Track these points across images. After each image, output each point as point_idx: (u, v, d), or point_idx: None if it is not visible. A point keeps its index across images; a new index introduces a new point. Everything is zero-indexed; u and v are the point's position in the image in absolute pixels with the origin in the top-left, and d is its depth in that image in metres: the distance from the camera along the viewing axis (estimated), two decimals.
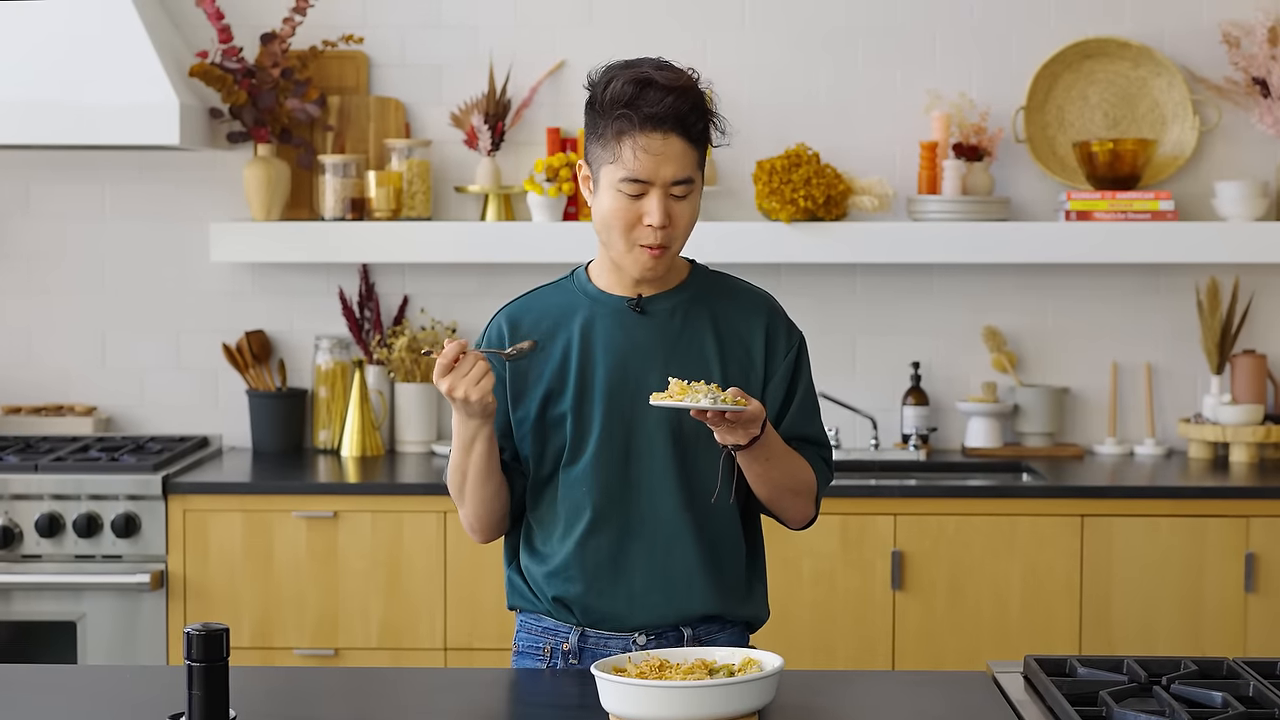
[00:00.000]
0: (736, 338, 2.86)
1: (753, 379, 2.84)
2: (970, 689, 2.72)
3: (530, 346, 2.76)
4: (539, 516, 2.87)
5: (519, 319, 2.88)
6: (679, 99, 2.72)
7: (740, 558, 2.88)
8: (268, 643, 4.55)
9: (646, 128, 2.71)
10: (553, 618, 2.87)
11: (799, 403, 2.88)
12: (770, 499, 2.85)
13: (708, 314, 2.86)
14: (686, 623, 2.83)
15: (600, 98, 2.75)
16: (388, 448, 5.13)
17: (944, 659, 4.49)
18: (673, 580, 2.81)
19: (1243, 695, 2.55)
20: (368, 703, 2.66)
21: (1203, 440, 4.95)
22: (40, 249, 5.18)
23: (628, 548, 2.81)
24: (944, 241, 4.88)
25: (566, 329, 2.85)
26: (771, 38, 5.10)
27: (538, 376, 2.84)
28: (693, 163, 2.75)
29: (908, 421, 5.06)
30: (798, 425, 2.88)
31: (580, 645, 2.84)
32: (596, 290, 2.88)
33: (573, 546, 2.81)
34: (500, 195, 5.01)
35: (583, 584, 2.82)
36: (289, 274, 5.17)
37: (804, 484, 2.86)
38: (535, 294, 2.93)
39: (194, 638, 2.26)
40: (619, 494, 2.81)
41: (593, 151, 2.79)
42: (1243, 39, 4.98)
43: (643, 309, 2.84)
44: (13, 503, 4.55)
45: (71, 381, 5.21)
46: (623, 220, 2.76)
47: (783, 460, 2.80)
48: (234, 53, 4.93)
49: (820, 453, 2.91)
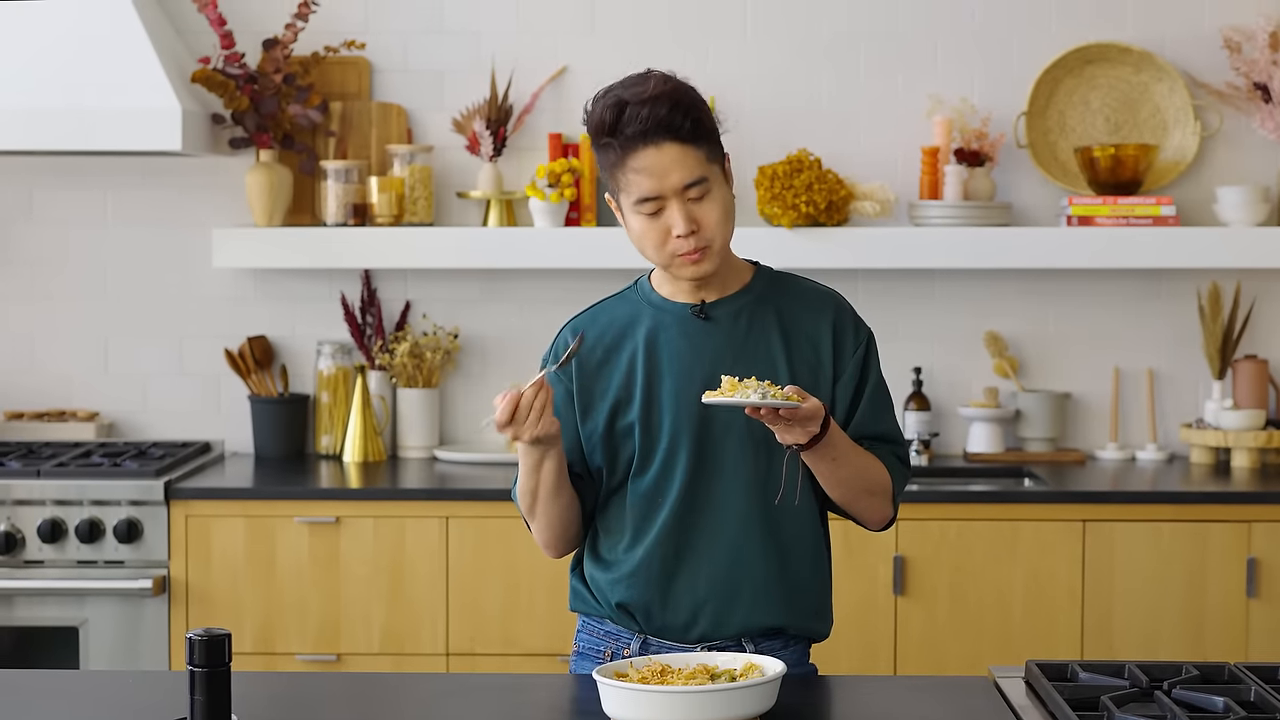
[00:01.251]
0: (804, 337, 2.82)
1: (822, 379, 2.80)
2: (972, 694, 2.72)
3: (576, 345, 2.72)
4: (606, 525, 2.85)
5: (585, 331, 2.85)
6: (653, 108, 2.69)
7: (811, 566, 2.84)
8: (270, 648, 4.55)
9: (635, 147, 2.70)
10: (615, 623, 2.85)
11: (868, 400, 2.83)
12: (844, 500, 2.81)
13: (773, 315, 2.82)
14: (749, 635, 2.81)
15: (592, 132, 2.76)
16: (390, 453, 5.13)
17: (946, 664, 4.49)
18: (738, 591, 2.78)
19: (1244, 700, 2.55)
20: (370, 708, 2.66)
21: (1204, 445, 4.95)
22: (43, 255, 5.18)
23: (694, 556, 2.78)
24: (946, 247, 4.88)
25: (632, 339, 2.82)
26: (773, 44, 5.10)
27: (605, 388, 2.82)
28: (697, 161, 2.72)
29: (910, 427, 5.06)
30: (868, 423, 2.83)
31: (642, 653, 2.81)
32: (660, 298, 2.85)
33: (641, 555, 2.79)
34: (502, 201, 5.01)
35: (647, 591, 2.79)
36: (291, 279, 5.17)
37: (878, 483, 2.81)
38: (601, 306, 2.91)
39: (196, 643, 2.25)
40: (688, 502, 2.78)
41: (608, 183, 2.79)
42: (1244, 44, 4.98)
43: (707, 315, 2.81)
44: (15, 508, 4.55)
45: (74, 387, 5.21)
46: (653, 239, 2.74)
47: (852, 459, 2.75)
48: (236, 58, 4.93)
49: (895, 450, 2.86)
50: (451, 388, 5.19)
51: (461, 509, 4.54)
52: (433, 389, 5.09)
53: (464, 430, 5.20)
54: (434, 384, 5.10)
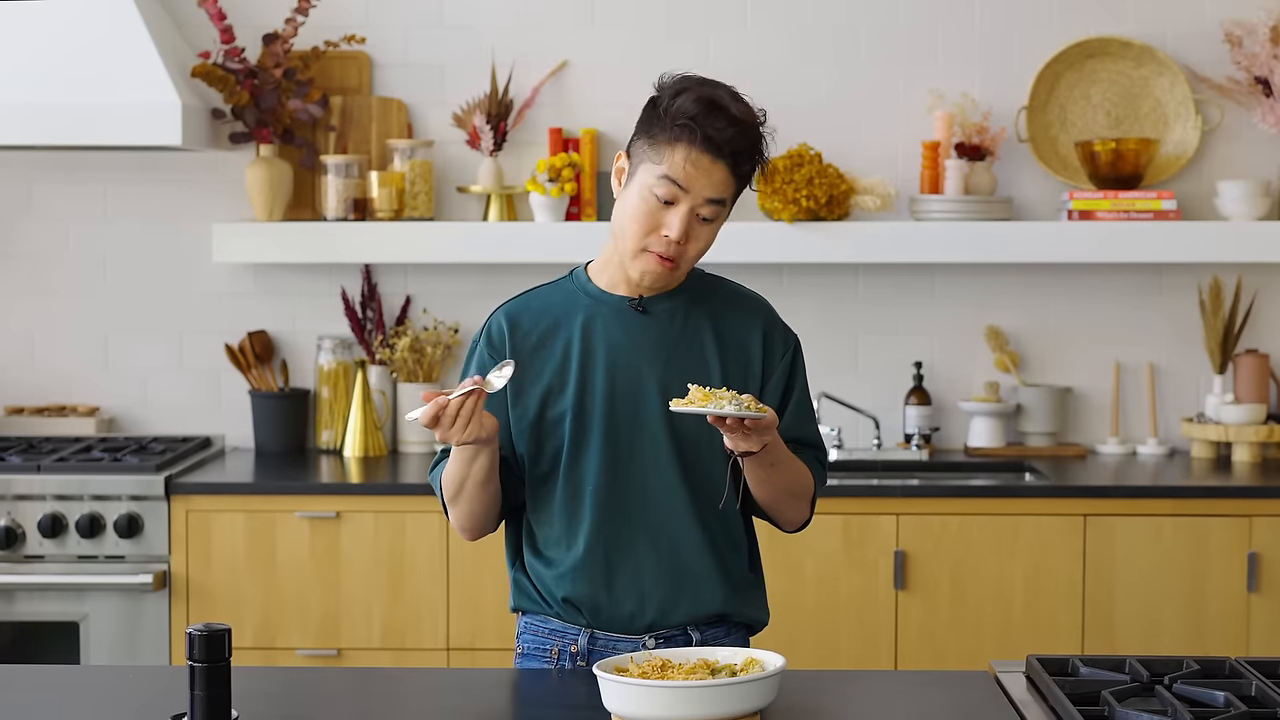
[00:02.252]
0: (735, 340, 2.86)
1: (751, 381, 2.85)
2: (972, 689, 2.72)
3: (513, 370, 2.71)
4: (541, 518, 2.85)
5: (518, 316, 2.88)
6: (741, 134, 2.73)
7: (743, 558, 2.89)
8: (270, 643, 4.55)
9: (703, 146, 2.72)
10: (561, 620, 2.85)
11: (795, 405, 2.89)
12: (770, 502, 2.86)
13: (707, 316, 2.86)
14: (695, 623, 2.83)
15: (667, 103, 2.75)
16: (390, 448, 5.13)
17: (946, 659, 4.49)
18: (683, 578, 2.81)
19: (1245, 695, 2.55)
20: (370, 703, 2.66)
21: (1205, 440, 4.95)
22: (43, 250, 5.18)
23: (636, 547, 2.80)
24: (946, 241, 4.88)
25: (566, 327, 2.85)
26: (774, 37, 5.10)
27: (537, 374, 2.83)
28: (728, 193, 2.77)
29: (910, 421, 5.06)
30: (794, 428, 2.88)
31: (589, 647, 2.83)
32: (597, 289, 2.88)
33: (582, 548, 2.80)
34: (502, 195, 5.01)
35: (594, 584, 2.81)
36: (291, 274, 5.17)
37: (804, 487, 2.88)
38: (534, 293, 2.93)
39: (196, 638, 2.26)
40: (623, 493, 2.80)
41: (638, 147, 2.79)
42: (1245, 38, 4.98)
43: (644, 309, 2.84)
44: (15, 503, 4.55)
45: (74, 382, 5.21)
46: (643, 224, 2.76)
47: (786, 465, 2.81)
48: (236, 53, 4.93)
49: (817, 455, 2.92)
50: (452, 382, 5.18)
51: None
52: (433, 384, 5.10)
53: None
54: (434, 379, 5.11)
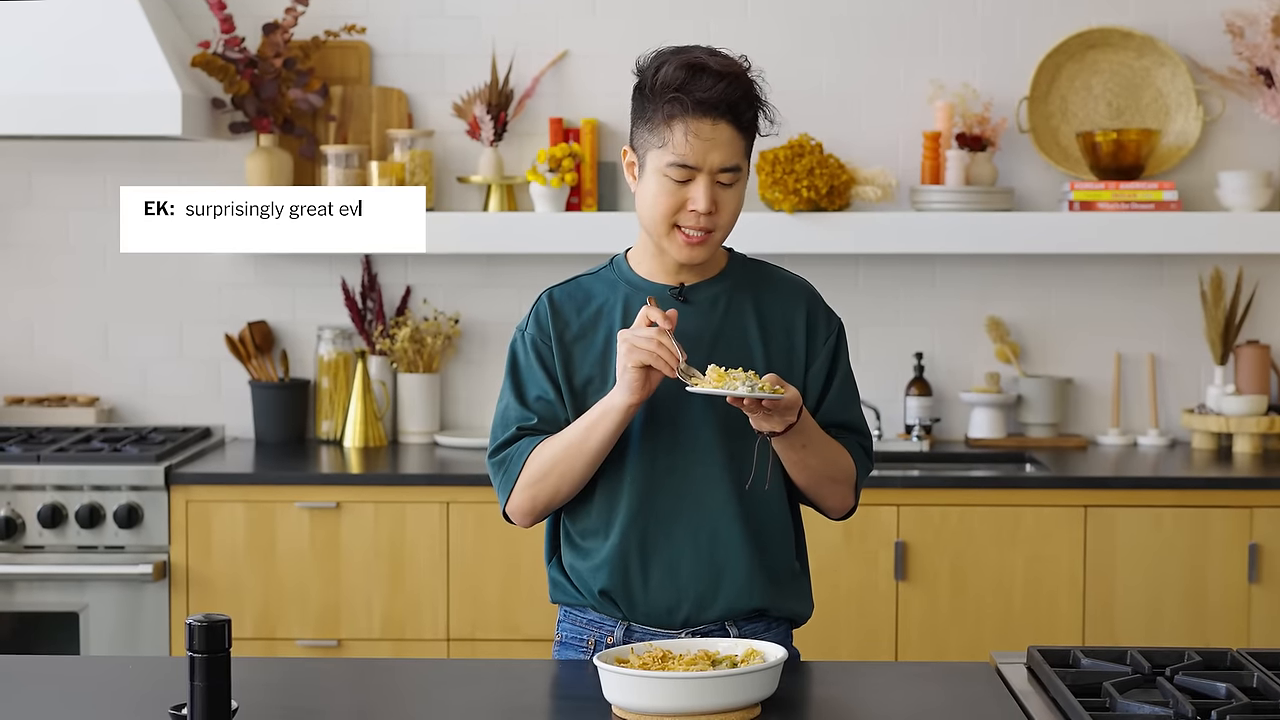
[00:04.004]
0: (779, 324, 2.83)
1: (795, 366, 2.82)
2: (973, 680, 2.73)
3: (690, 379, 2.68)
4: (579, 508, 2.83)
5: (562, 303, 2.84)
6: (731, 85, 2.71)
7: (787, 548, 2.85)
8: (270, 634, 4.56)
9: (698, 113, 2.69)
10: (598, 611, 2.83)
11: (837, 389, 2.85)
12: (809, 486, 2.82)
13: (750, 301, 2.83)
14: (733, 618, 2.80)
15: (650, 82, 2.73)
16: (390, 438, 5.14)
17: (947, 650, 4.49)
18: (720, 572, 2.78)
19: (1246, 686, 2.55)
20: (370, 694, 2.66)
21: (1206, 431, 4.95)
22: (42, 239, 5.18)
23: (674, 540, 2.78)
24: (947, 232, 4.88)
25: (609, 317, 2.82)
26: (774, 27, 5.09)
27: (579, 364, 2.81)
28: (740, 151, 2.74)
29: (911, 412, 5.06)
30: (836, 412, 2.85)
31: (625, 640, 2.80)
32: (638, 278, 2.84)
33: (618, 540, 2.78)
34: (503, 186, 5.01)
35: (629, 577, 2.78)
36: (291, 264, 5.17)
37: (843, 471, 2.83)
38: (577, 281, 2.89)
39: (195, 629, 2.25)
40: (663, 485, 2.78)
41: (639, 137, 2.77)
42: (1246, 29, 4.98)
43: (686, 297, 2.82)
44: (15, 493, 4.56)
45: (74, 372, 5.21)
46: (666, 207, 2.73)
47: (820, 447, 2.77)
48: (236, 43, 4.93)
49: (860, 440, 2.88)
50: (452, 373, 5.18)
51: (462, 494, 4.54)
52: (433, 374, 5.10)
53: (464, 415, 5.19)
54: (435, 369, 5.10)
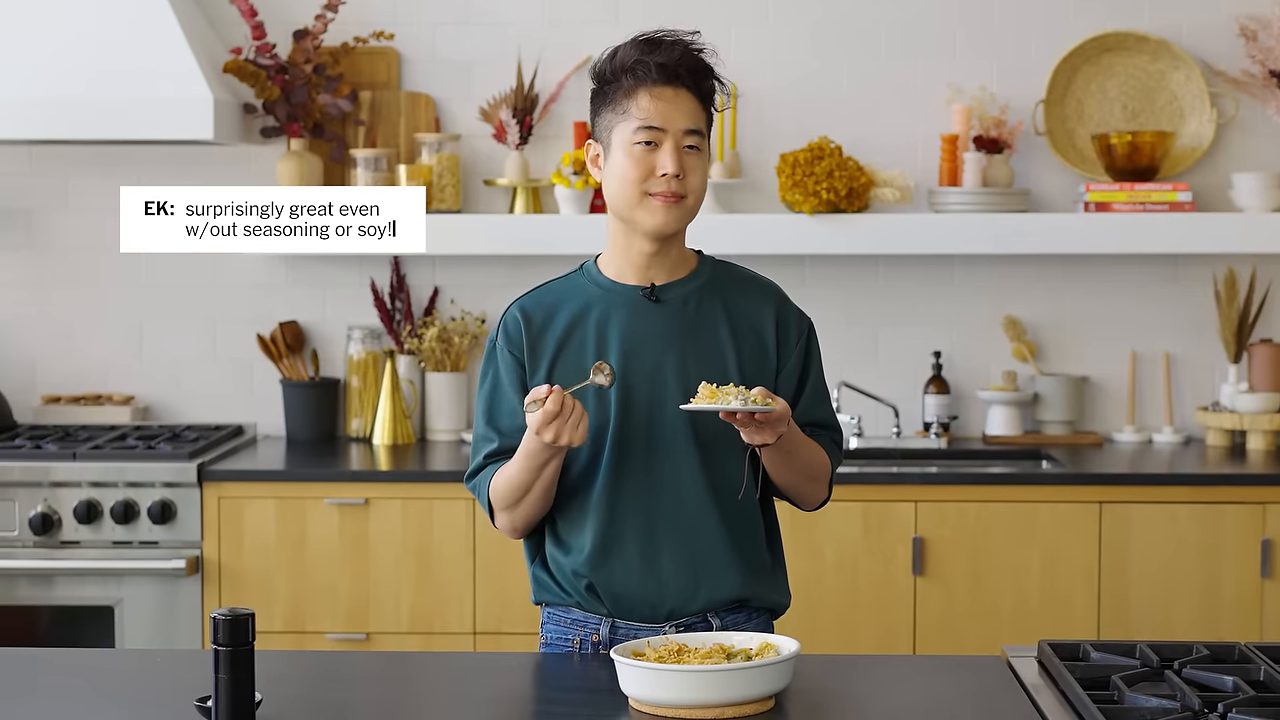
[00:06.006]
0: (749, 326, 2.86)
1: (766, 367, 2.85)
2: (985, 673, 2.74)
3: (609, 381, 2.74)
4: (561, 508, 2.86)
5: (532, 311, 2.88)
6: (688, 54, 2.79)
7: (762, 541, 2.89)
8: (300, 627, 4.62)
9: (659, 78, 2.77)
10: (582, 609, 2.86)
11: (811, 388, 2.89)
12: (789, 486, 2.87)
13: (720, 302, 2.86)
14: (715, 610, 2.84)
15: (609, 68, 2.81)
16: (418, 436, 5.18)
17: (964, 644, 4.53)
18: (701, 564, 2.81)
19: (1253, 680, 2.57)
20: (398, 686, 2.69)
21: (1220, 428, 4.99)
22: (79, 242, 5.25)
23: (655, 535, 2.81)
24: (965, 233, 4.92)
25: (583, 322, 2.84)
26: (794, 32, 5.14)
27: (557, 374, 2.83)
28: (702, 120, 2.80)
29: (929, 410, 5.11)
30: (810, 410, 2.89)
31: (611, 637, 2.83)
32: (608, 281, 2.88)
33: (599, 537, 2.81)
34: (528, 188, 5.07)
35: (613, 573, 2.81)
36: (322, 265, 5.24)
37: (822, 469, 2.88)
38: (546, 287, 2.93)
39: (220, 622, 2.27)
40: (642, 482, 2.81)
41: (603, 121, 2.82)
42: (1260, 32, 5.00)
43: (657, 297, 2.85)
44: (52, 490, 4.62)
45: (110, 371, 5.28)
46: (636, 174, 2.78)
47: (802, 450, 2.81)
48: (267, 49, 4.99)
49: (832, 436, 2.93)
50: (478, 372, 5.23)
51: None
52: (460, 373, 5.16)
53: None
54: (461, 368, 5.17)
